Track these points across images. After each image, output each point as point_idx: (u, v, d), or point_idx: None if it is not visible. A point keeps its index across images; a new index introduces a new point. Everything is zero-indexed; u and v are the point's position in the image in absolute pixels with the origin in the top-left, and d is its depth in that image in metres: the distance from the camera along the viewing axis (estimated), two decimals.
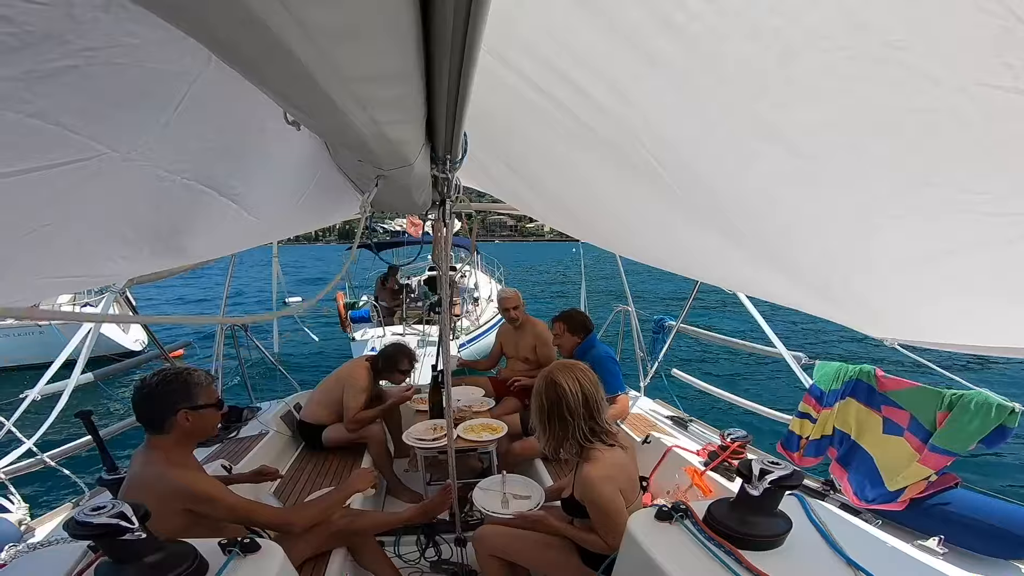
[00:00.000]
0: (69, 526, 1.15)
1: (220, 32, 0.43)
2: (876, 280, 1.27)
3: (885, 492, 1.99)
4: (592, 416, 1.78)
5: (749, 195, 1.15)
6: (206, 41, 0.46)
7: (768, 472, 1.35)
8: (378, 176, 1.01)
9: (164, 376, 1.63)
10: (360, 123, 0.70)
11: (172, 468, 1.60)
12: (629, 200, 1.63)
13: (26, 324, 10.22)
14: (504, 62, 1.05)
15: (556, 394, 1.78)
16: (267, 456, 3.08)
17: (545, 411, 1.81)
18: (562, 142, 1.40)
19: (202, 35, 0.45)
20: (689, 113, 0.97)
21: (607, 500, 1.68)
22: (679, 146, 1.10)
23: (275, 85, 0.57)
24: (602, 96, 1.02)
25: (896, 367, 2.56)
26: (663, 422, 3.29)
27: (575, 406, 1.76)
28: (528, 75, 1.07)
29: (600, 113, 1.10)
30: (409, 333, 8.65)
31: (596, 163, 1.42)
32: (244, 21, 0.40)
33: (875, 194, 0.93)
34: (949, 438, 1.84)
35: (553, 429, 1.81)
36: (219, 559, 1.33)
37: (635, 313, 4.46)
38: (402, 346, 3.47)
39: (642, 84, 0.94)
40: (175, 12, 0.41)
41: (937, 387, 1.97)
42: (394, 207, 1.69)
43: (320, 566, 2.00)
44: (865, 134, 0.80)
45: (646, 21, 0.76)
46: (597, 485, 1.69)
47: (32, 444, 2.64)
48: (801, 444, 2.44)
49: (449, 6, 0.52)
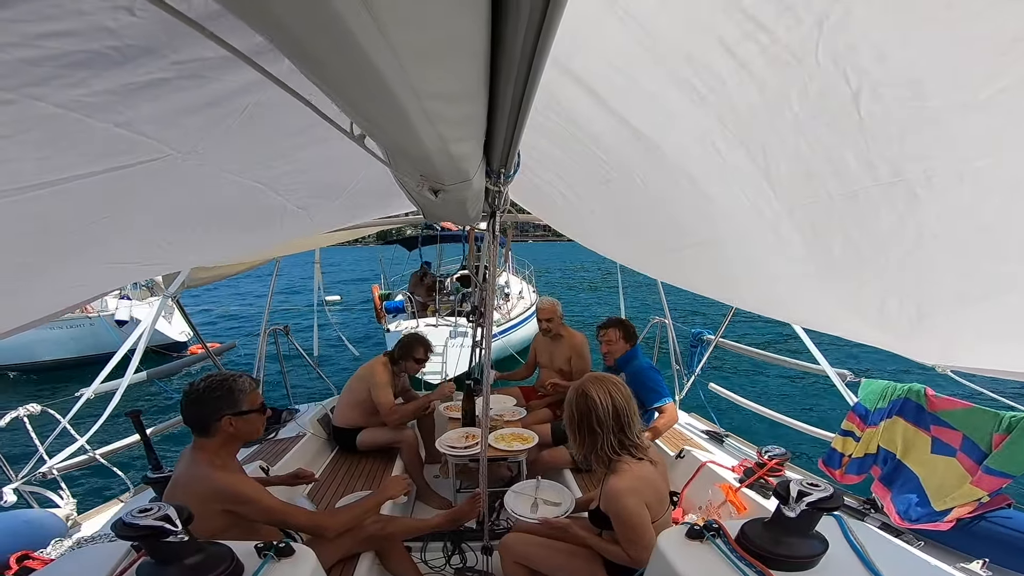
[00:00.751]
0: (116, 526, 1.19)
1: (314, 49, 0.46)
2: (939, 309, 1.22)
3: (931, 512, 1.93)
4: (622, 429, 1.78)
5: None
6: (297, 57, 0.49)
7: (806, 494, 1.30)
8: (437, 190, 1.04)
9: (210, 383, 1.70)
10: (428, 138, 0.72)
11: (215, 470, 1.67)
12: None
13: (78, 316, 10.72)
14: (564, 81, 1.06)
15: (586, 405, 1.79)
16: (303, 458, 3.16)
17: (575, 421, 1.83)
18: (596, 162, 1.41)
19: (295, 51, 0.47)
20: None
21: (631, 513, 1.67)
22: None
23: (355, 99, 0.60)
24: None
25: (943, 387, 2.44)
26: (698, 436, 3.21)
27: (604, 418, 1.77)
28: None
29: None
30: (442, 324, 8.91)
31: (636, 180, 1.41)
32: (340, 41, 0.43)
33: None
34: (1006, 460, 1.78)
35: (583, 439, 1.83)
36: (254, 562, 1.36)
37: (672, 325, 4.38)
38: (417, 335, 3.52)
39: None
40: (273, 29, 0.44)
41: (992, 409, 1.88)
42: (448, 218, 1.73)
43: (349, 569, 2.04)
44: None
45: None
46: (622, 497, 1.68)
47: (84, 441, 2.76)
48: (843, 462, 2.37)
49: (520, 30, 0.53)
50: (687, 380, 4.12)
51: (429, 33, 0.47)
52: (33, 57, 0.55)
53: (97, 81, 0.63)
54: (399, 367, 3.42)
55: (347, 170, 1.58)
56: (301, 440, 3.33)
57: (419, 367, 3.48)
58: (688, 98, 0.96)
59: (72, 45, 0.56)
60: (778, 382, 10.41)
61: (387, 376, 3.31)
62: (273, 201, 1.48)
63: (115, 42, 0.59)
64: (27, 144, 0.68)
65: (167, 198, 1.15)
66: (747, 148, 1.03)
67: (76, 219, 0.99)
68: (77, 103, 0.65)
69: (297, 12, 0.39)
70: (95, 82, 0.63)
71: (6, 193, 0.75)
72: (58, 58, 0.57)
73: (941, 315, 1.23)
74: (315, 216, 1.84)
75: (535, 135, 1.46)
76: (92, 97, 0.65)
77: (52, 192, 0.81)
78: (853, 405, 2.43)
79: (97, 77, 0.63)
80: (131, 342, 3.24)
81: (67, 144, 0.73)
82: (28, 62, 0.55)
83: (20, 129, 0.64)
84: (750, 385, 10.01)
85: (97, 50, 0.59)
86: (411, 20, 0.44)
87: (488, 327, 1.74)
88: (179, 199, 1.19)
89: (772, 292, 1.79)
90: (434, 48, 0.51)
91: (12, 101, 0.59)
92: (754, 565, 1.30)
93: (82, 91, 0.63)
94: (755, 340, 12.33)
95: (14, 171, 0.72)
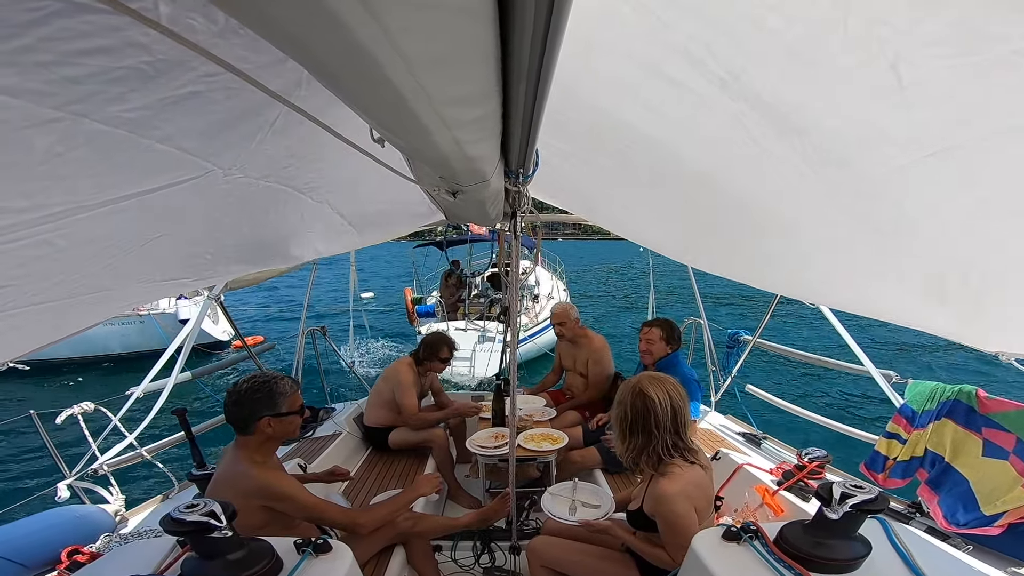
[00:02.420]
0: (165, 522, 1.24)
1: (327, 60, 0.47)
2: (1001, 285, 1.13)
3: (980, 516, 1.85)
4: (677, 431, 1.72)
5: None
6: (312, 67, 0.50)
7: (850, 496, 1.26)
8: (456, 191, 1.05)
9: (253, 384, 1.76)
10: (443, 142, 0.73)
11: (255, 467, 1.72)
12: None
13: (129, 314, 11.32)
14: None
15: (644, 405, 1.71)
16: (339, 456, 3.24)
17: (628, 421, 1.75)
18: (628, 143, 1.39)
19: (309, 62, 0.49)
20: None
21: (679, 516, 1.62)
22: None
23: (369, 107, 0.61)
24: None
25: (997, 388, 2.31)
26: (734, 438, 3.14)
27: (663, 419, 1.69)
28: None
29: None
30: (471, 328, 8.98)
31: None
32: (351, 52, 0.44)
33: None
34: None
35: (635, 440, 1.75)
36: (293, 557, 1.40)
37: (707, 325, 4.29)
38: (442, 334, 3.53)
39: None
40: (288, 41, 0.45)
41: None
42: (469, 219, 1.74)
43: (382, 566, 2.07)
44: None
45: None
46: (671, 501, 1.63)
47: (133, 439, 2.88)
48: (887, 465, 2.28)
49: (527, 32, 0.54)
50: (723, 382, 4.03)
51: (437, 40, 0.48)
52: (75, 75, 0.58)
53: (135, 96, 0.66)
54: (424, 367, 3.44)
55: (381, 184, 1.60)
56: (337, 439, 3.41)
57: (444, 366, 3.50)
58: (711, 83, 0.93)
59: (109, 61, 0.59)
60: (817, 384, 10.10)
61: (412, 376, 3.34)
62: (313, 211, 1.51)
63: (148, 57, 0.62)
64: (80, 162, 0.71)
65: (216, 214, 1.19)
66: (779, 128, 1.00)
67: (136, 237, 1.03)
68: (119, 119, 0.68)
69: (307, 25, 0.39)
70: (133, 97, 0.66)
71: (71, 211, 0.80)
72: (97, 75, 0.60)
73: (1003, 292, 1.15)
74: (363, 232, 1.87)
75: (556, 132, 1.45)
76: (131, 112, 0.69)
77: (109, 211, 0.85)
78: (899, 407, 2.33)
79: (134, 92, 0.66)
80: (178, 342, 3.37)
81: (118, 161, 0.76)
82: (70, 80, 0.58)
83: (71, 146, 0.68)
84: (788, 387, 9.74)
85: (132, 65, 0.62)
86: (419, 29, 0.44)
87: (513, 326, 1.74)
88: (226, 215, 1.23)
89: (818, 275, 1.72)
90: (443, 55, 0.51)
91: (60, 119, 0.62)
92: (793, 567, 1.27)
93: (121, 107, 0.67)
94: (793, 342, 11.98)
95: (70, 188, 0.76)
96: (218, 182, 1.00)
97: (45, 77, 0.56)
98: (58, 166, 0.68)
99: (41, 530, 2.19)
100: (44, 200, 0.73)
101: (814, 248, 1.51)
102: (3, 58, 0.50)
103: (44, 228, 0.78)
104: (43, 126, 0.61)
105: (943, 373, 10.68)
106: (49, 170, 0.68)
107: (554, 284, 13.12)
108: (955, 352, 11.84)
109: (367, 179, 1.63)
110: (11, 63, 0.51)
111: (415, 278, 13.75)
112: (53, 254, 0.85)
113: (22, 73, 0.53)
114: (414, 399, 3.28)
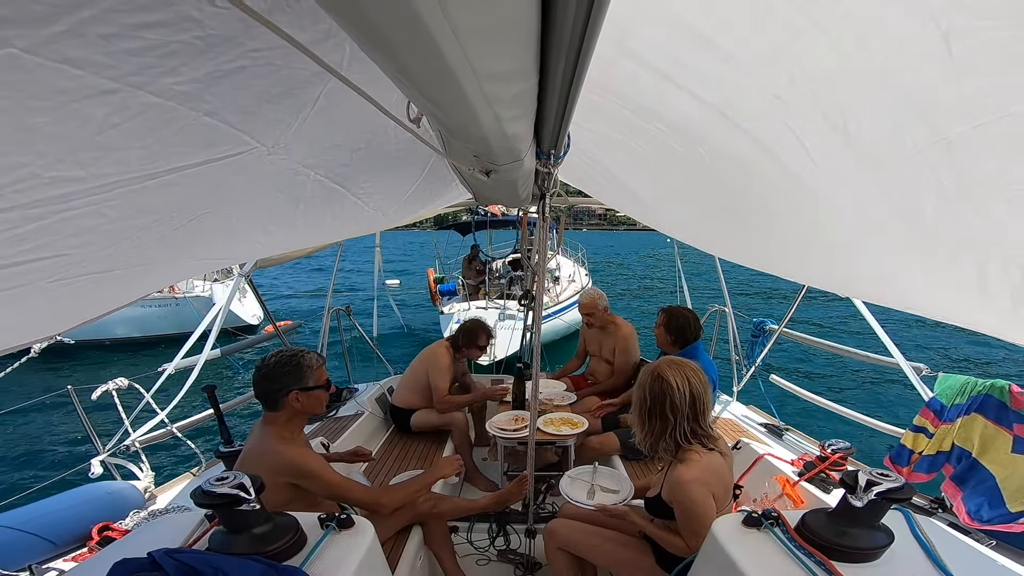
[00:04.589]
0: (195, 495, 1.27)
1: (383, 31, 0.49)
2: None
3: (1005, 512, 1.83)
4: (696, 418, 1.71)
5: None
6: (365, 37, 0.51)
7: (875, 483, 1.25)
8: (489, 171, 1.06)
9: (280, 358, 1.79)
10: (485, 118, 0.74)
11: (282, 443, 1.76)
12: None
13: (166, 296, 11.81)
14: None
15: (662, 390, 1.71)
16: (361, 436, 3.30)
17: (647, 405, 1.75)
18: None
19: (363, 32, 0.50)
20: None
21: (696, 503, 1.62)
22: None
23: (420, 81, 0.62)
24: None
25: None
26: (755, 429, 3.12)
27: (680, 404, 1.69)
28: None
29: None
30: (491, 307, 9.31)
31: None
32: (408, 23, 0.45)
33: None
34: None
35: (652, 425, 1.74)
36: (316, 532, 1.43)
37: (732, 313, 4.23)
38: (480, 322, 3.57)
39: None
40: (344, 10, 0.46)
41: None
42: (499, 200, 1.76)
43: (400, 544, 2.12)
44: None
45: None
46: (689, 488, 1.63)
47: (164, 415, 2.96)
48: (912, 459, 2.26)
49: (570, 9, 0.54)
50: (746, 371, 3.98)
51: (487, 13, 0.49)
52: (133, 48, 0.60)
53: (186, 70, 0.68)
54: (461, 353, 3.50)
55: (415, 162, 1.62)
56: (360, 419, 3.48)
57: (481, 353, 3.56)
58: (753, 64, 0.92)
59: (165, 35, 0.61)
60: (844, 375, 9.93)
61: (448, 360, 3.39)
62: (350, 200, 1.54)
63: (200, 32, 0.64)
64: (132, 133, 0.74)
65: (256, 192, 1.22)
66: (823, 111, 0.97)
67: (183, 212, 1.06)
68: (170, 91, 0.71)
69: None
70: (184, 70, 0.68)
71: (123, 183, 0.82)
72: (154, 48, 0.62)
73: None
74: (388, 212, 1.89)
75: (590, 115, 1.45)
76: (182, 86, 0.71)
77: (160, 183, 0.88)
78: (928, 400, 2.30)
79: (185, 66, 0.68)
80: (207, 321, 3.46)
81: (166, 133, 0.79)
82: (128, 52, 0.60)
83: (126, 117, 0.70)
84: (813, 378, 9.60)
85: (186, 40, 0.64)
86: (471, 1, 0.45)
87: (538, 311, 1.75)
88: (265, 194, 1.26)
89: (850, 266, 1.67)
90: (491, 28, 0.52)
91: (116, 91, 0.65)
92: (813, 555, 1.27)
93: (173, 79, 0.69)
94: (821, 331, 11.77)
95: (122, 159, 0.78)
96: (262, 161, 1.02)
97: (106, 49, 0.58)
98: (113, 137, 0.71)
99: (73, 506, 2.25)
100: (97, 171, 0.76)
101: (849, 238, 1.48)
102: (72, 29, 0.53)
103: (99, 198, 0.81)
104: (101, 96, 0.63)
105: (974, 370, 10.40)
106: (104, 140, 0.71)
107: (575, 268, 13.24)
108: (987, 345, 11.57)
109: (397, 163, 1.65)
110: (79, 34, 0.54)
111: (437, 258, 14.24)
112: (104, 224, 0.88)
113: (87, 45, 0.56)
114: (447, 383, 3.34)
